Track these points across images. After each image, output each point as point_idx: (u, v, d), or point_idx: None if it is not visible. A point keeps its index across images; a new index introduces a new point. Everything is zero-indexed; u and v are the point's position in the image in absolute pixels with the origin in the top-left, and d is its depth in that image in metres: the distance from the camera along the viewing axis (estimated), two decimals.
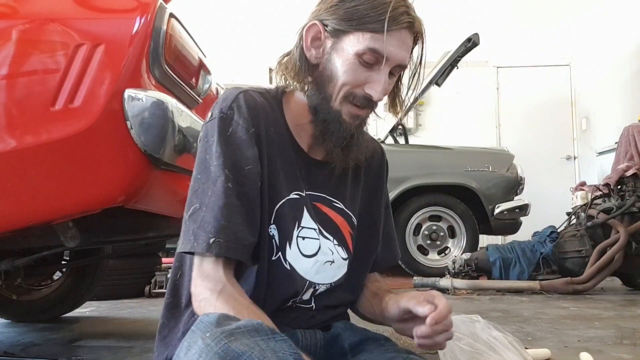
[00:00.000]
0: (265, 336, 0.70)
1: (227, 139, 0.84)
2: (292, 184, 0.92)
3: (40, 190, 1.30)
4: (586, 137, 6.45)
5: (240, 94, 0.88)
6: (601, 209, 3.42)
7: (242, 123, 0.85)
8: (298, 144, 0.94)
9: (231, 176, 0.82)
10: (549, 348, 1.61)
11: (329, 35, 0.88)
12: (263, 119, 0.88)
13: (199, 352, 0.68)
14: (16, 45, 1.34)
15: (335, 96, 0.89)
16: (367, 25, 0.84)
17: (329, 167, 0.97)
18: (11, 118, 1.31)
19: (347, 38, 0.86)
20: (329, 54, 0.88)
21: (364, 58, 0.86)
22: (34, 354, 1.87)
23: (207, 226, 0.81)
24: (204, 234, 0.80)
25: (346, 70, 0.87)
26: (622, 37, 5.65)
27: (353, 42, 0.86)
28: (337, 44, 0.87)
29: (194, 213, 0.83)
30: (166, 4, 1.44)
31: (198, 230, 0.81)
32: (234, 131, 0.85)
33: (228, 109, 0.86)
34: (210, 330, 0.70)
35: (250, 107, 0.87)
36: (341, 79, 0.87)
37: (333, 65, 0.88)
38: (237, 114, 0.86)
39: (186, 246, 0.82)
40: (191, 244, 0.81)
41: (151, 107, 1.30)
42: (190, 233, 0.82)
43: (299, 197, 0.92)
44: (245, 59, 6.21)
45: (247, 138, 0.85)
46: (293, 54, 0.92)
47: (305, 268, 0.92)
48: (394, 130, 4.52)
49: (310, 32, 0.89)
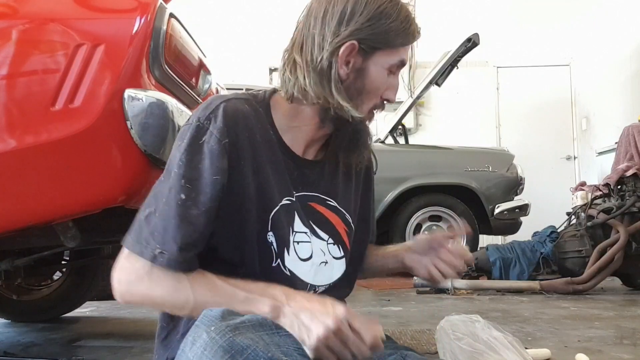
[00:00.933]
0: (270, 330, 0.71)
1: (197, 148, 0.83)
2: (282, 189, 0.91)
3: (40, 190, 1.30)
4: (586, 137, 6.45)
5: (222, 104, 0.86)
6: (601, 209, 3.42)
7: (216, 133, 0.84)
8: (287, 146, 0.94)
9: (189, 186, 0.82)
10: (549, 348, 1.61)
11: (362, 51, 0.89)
12: (244, 128, 0.87)
13: (203, 346, 0.68)
14: (16, 45, 1.34)
15: (362, 107, 0.92)
16: (397, 40, 0.90)
17: (319, 166, 0.98)
18: (11, 118, 1.31)
19: (381, 54, 0.90)
20: (360, 69, 0.90)
21: (392, 70, 0.92)
22: (34, 354, 1.87)
23: (156, 235, 0.81)
24: (153, 242, 0.81)
25: (379, 84, 0.92)
26: (622, 37, 5.65)
27: (386, 58, 0.90)
28: (369, 59, 0.90)
29: (149, 215, 0.83)
30: (166, 4, 1.44)
31: (149, 237, 0.82)
32: (205, 141, 0.84)
33: (205, 119, 0.85)
34: (214, 324, 0.71)
35: (229, 117, 0.85)
36: (373, 92, 0.92)
37: (365, 79, 0.91)
38: (213, 125, 0.84)
39: (135, 248, 0.82)
40: (141, 247, 0.82)
41: (151, 107, 1.30)
42: (143, 237, 0.82)
43: (290, 203, 0.92)
44: (245, 59, 6.21)
45: (218, 149, 0.83)
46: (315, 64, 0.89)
47: (304, 272, 0.92)
48: (394, 130, 4.52)
49: (346, 51, 0.88)
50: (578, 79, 6.66)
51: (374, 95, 0.92)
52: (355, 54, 0.89)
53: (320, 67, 0.88)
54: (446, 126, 6.47)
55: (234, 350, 0.67)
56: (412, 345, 1.76)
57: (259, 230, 0.88)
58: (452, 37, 4.50)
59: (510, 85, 6.71)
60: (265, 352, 0.67)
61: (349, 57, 0.89)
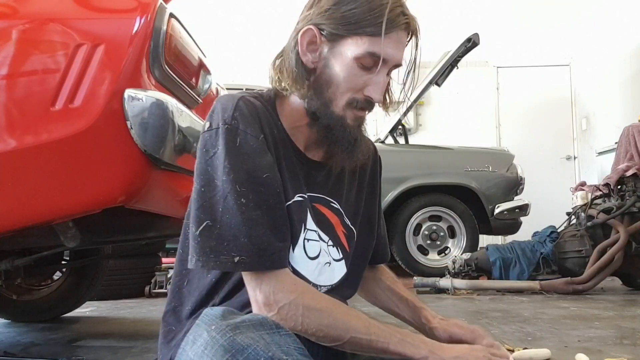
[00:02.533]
0: (270, 330, 0.71)
1: (237, 150, 0.81)
2: (295, 186, 0.91)
3: (40, 190, 1.30)
4: (586, 137, 6.45)
5: (240, 102, 0.85)
6: (601, 209, 3.42)
7: (250, 132, 0.82)
8: (296, 146, 0.94)
9: (245, 189, 0.79)
10: (549, 348, 1.61)
11: (325, 39, 0.87)
12: (266, 123, 0.87)
13: (204, 345, 0.68)
14: (16, 45, 1.34)
15: (336, 102, 0.88)
16: (365, 29, 0.83)
17: (326, 168, 0.97)
18: (11, 118, 1.31)
19: (344, 42, 0.85)
20: (326, 58, 0.87)
21: (363, 62, 0.85)
22: (34, 354, 1.87)
23: (227, 244, 0.78)
24: (227, 252, 0.77)
25: (346, 76, 0.86)
26: (622, 37, 5.65)
27: (351, 47, 0.85)
28: (334, 48, 0.86)
29: (206, 229, 0.79)
30: (166, 4, 1.44)
31: (218, 247, 0.78)
32: (243, 141, 0.81)
33: (232, 119, 0.82)
34: (215, 323, 0.70)
35: (253, 114, 0.85)
36: (342, 85, 0.87)
37: (331, 70, 0.87)
38: (243, 123, 0.82)
39: (207, 264, 0.79)
40: (213, 261, 0.78)
41: (151, 107, 1.30)
42: (208, 250, 0.78)
43: (302, 200, 0.91)
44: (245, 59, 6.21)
45: (258, 146, 0.82)
46: (287, 58, 0.90)
47: (309, 270, 0.92)
48: (394, 130, 4.52)
49: (305, 37, 0.88)
50: (578, 79, 6.66)
51: (346, 90, 0.87)
52: (320, 42, 0.87)
53: (292, 56, 0.89)
54: (446, 126, 6.47)
55: (234, 350, 0.67)
56: None
57: None
58: (452, 37, 4.49)
59: (510, 85, 6.71)
60: (265, 351, 0.67)
61: (312, 44, 0.88)
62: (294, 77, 0.88)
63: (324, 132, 0.90)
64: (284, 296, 0.78)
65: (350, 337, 0.80)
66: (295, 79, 0.88)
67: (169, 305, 0.95)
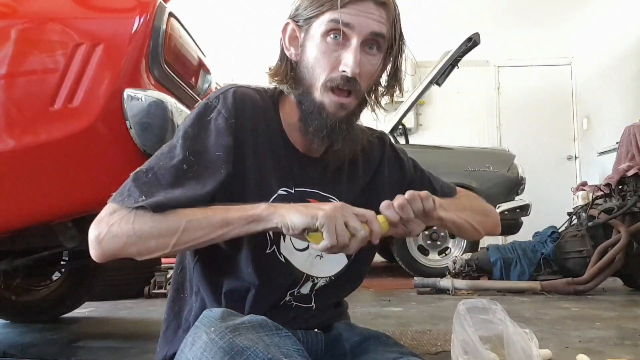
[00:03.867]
0: (270, 331, 0.71)
1: (204, 124, 0.85)
2: (280, 180, 0.92)
3: (39, 190, 1.30)
4: (587, 137, 6.45)
5: (232, 89, 0.89)
6: (602, 209, 3.41)
7: (224, 112, 0.86)
8: (290, 143, 0.94)
9: (192, 158, 0.81)
10: (550, 349, 1.61)
11: (300, 29, 0.90)
12: (251, 112, 0.89)
13: (203, 347, 0.68)
14: (15, 45, 1.34)
15: (316, 85, 0.88)
16: (325, 4, 0.86)
17: (322, 164, 0.97)
18: (10, 118, 1.31)
19: (314, 25, 0.88)
20: (303, 46, 0.90)
21: (330, 36, 0.86)
22: (33, 355, 1.86)
23: (144, 189, 0.78)
24: (138, 193, 0.77)
25: (317, 54, 0.87)
26: (623, 36, 5.64)
27: (318, 25, 0.87)
28: (307, 33, 0.89)
29: (138, 173, 0.81)
30: (166, 4, 1.44)
31: (134, 189, 0.78)
32: (213, 118, 0.86)
33: (214, 98, 0.88)
34: (214, 325, 0.70)
35: (237, 100, 0.88)
36: (317, 65, 0.87)
37: (308, 54, 0.89)
38: (221, 104, 0.87)
39: (116, 198, 0.79)
40: (122, 198, 0.78)
41: (150, 107, 1.30)
42: (126, 190, 0.79)
43: (286, 194, 0.92)
44: (245, 59, 6.20)
45: (224, 126, 0.85)
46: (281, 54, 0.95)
47: (300, 261, 0.93)
48: (394, 130, 4.52)
49: (286, 32, 0.92)
50: (579, 78, 6.66)
51: (321, 69, 0.87)
52: (296, 34, 0.91)
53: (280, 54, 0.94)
54: (446, 126, 6.47)
55: (233, 351, 0.67)
56: (412, 346, 1.76)
57: None
58: (452, 36, 4.49)
59: (510, 84, 6.70)
60: (265, 353, 0.66)
61: (293, 39, 0.91)
62: (280, 72, 0.93)
63: (303, 116, 0.90)
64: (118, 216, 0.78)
65: (186, 223, 0.76)
66: (281, 75, 0.92)
67: (168, 296, 0.97)
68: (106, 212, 0.79)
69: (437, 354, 1.67)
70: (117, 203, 0.78)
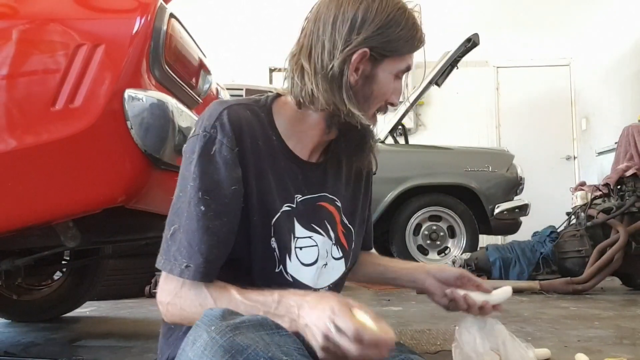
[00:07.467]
0: (270, 330, 0.72)
1: (210, 158, 0.84)
2: (284, 196, 0.92)
3: (40, 190, 1.30)
4: (586, 137, 6.45)
5: (224, 111, 0.86)
6: (601, 209, 3.42)
7: (226, 142, 0.84)
8: (290, 151, 0.94)
9: (207, 197, 0.83)
10: (549, 348, 1.62)
11: (372, 58, 0.90)
12: (248, 134, 0.88)
13: (204, 346, 0.69)
14: (16, 46, 1.35)
15: (369, 113, 0.93)
16: (405, 48, 0.91)
17: (322, 168, 0.99)
18: (11, 118, 1.31)
19: (387, 60, 0.90)
20: (368, 76, 0.90)
21: (398, 75, 0.93)
22: (34, 354, 1.87)
23: (182, 250, 0.83)
24: (180, 258, 0.82)
25: (385, 90, 0.93)
26: (622, 37, 5.65)
27: (394, 64, 0.91)
28: (377, 66, 0.90)
29: (174, 233, 0.84)
30: (166, 4, 1.44)
31: (177, 253, 0.83)
32: (217, 150, 0.84)
33: (211, 128, 0.85)
34: (215, 323, 0.71)
35: (234, 124, 0.86)
36: (379, 97, 0.93)
37: (373, 85, 0.91)
38: (221, 133, 0.84)
39: (166, 267, 0.84)
40: (170, 265, 0.83)
41: (151, 107, 1.30)
42: (171, 255, 0.84)
43: (290, 209, 0.93)
44: (245, 59, 6.21)
45: (231, 158, 0.84)
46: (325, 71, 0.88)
47: (307, 277, 0.94)
48: (394, 130, 4.52)
49: (358, 58, 0.88)
50: (578, 78, 6.66)
51: (380, 100, 0.94)
52: (365, 61, 0.89)
53: (332, 74, 0.88)
54: (446, 126, 6.47)
55: (234, 350, 0.67)
56: (412, 345, 1.76)
57: (264, 236, 0.89)
58: (452, 37, 4.49)
59: (510, 85, 6.71)
60: (265, 351, 0.67)
61: (359, 64, 0.89)
62: (334, 93, 0.89)
63: (358, 140, 0.96)
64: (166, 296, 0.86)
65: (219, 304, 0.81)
66: (334, 94, 0.89)
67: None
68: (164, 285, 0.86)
69: (436, 353, 1.68)
70: (167, 271, 0.85)
